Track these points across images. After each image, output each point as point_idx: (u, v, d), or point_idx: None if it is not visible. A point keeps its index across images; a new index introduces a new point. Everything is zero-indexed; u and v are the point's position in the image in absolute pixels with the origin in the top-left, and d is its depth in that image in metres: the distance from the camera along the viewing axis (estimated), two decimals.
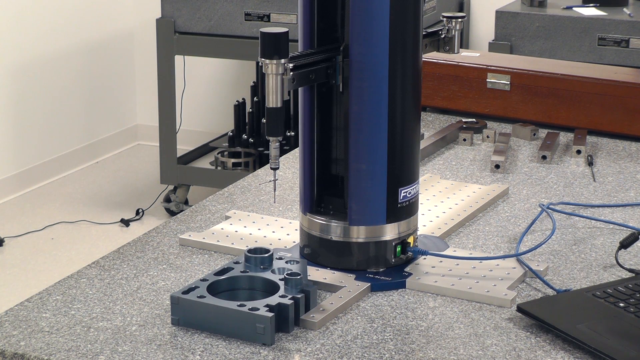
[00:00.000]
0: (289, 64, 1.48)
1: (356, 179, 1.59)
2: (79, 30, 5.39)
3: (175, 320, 1.46)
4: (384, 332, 1.46)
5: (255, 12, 4.42)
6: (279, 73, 1.48)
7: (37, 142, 5.20)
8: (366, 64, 1.55)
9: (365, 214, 1.60)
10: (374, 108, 1.56)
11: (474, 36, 5.11)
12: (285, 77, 1.48)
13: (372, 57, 1.55)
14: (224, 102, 5.58)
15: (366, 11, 1.53)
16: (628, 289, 1.54)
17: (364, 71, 1.55)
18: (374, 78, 1.55)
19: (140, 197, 5.07)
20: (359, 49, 1.55)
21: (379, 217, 1.60)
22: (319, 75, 1.55)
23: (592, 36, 4.14)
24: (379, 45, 1.54)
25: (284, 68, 1.48)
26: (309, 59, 1.54)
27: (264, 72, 1.49)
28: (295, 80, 1.50)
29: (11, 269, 4.34)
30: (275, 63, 1.47)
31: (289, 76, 1.48)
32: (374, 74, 1.55)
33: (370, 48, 1.55)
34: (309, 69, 1.53)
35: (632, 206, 1.92)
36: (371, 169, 1.57)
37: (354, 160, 1.57)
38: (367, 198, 1.59)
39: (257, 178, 2.06)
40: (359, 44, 1.55)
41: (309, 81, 1.54)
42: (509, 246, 1.75)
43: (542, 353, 1.41)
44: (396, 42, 1.55)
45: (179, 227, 1.81)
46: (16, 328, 1.46)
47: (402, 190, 1.61)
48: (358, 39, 1.54)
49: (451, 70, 2.41)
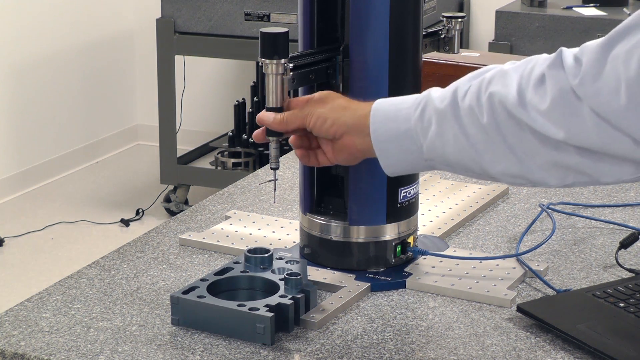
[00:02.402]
0: (289, 64, 1.48)
1: (356, 179, 1.59)
2: (79, 30, 5.39)
3: (175, 320, 1.46)
4: (384, 332, 1.46)
5: (255, 12, 4.43)
6: (279, 73, 1.48)
7: (37, 142, 5.20)
8: (366, 64, 1.55)
9: (366, 214, 1.60)
10: None
11: (474, 36, 5.12)
12: (285, 77, 1.48)
13: (372, 57, 1.55)
14: (224, 102, 5.58)
15: (366, 11, 1.53)
16: (628, 289, 1.54)
17: (364, 71, 1.55)
18: (374, 78, 1.55)
19: (140, 197, 5.07)
20: (359, 49, 1.55)
21: (379, 217, 1.60)
22: (319, 75, 1.55)
23: (592, 36, 4.14)
24: (379, 45, 1.54)
25: (283, 68, 1.48)
26: (309, 59, 1.54)
27: (264, 72, 1.49)
28: (295, 80, 1.50)
29: (11, 269, 4.34)
30: (275, 63, 1.47)
31: (288, 76, 1.48)
32: (374, 74, 1.55)
33: (370, 48, 1.54)
34: (309, 69, 1.53)
35: (632, 206, 1.92)
36: (371, 169, 1.57)
37: None
38: (367, 198, 1.59)
39: (257, 178, 2.06)
40: (359, 43, 1.55)
41: (309, 81, 1.54)
42: (509, 246, 1.75)
43: (542, 353, 1.41)
44: (396, 42, 1.55)
45: (179, 227, 1.81)
46: (16, 328, 1.46)
47: (402, 190, 1.61)
48: (358, 39, 1.54)
49: (451, 70, 2.41)
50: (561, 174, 1.29)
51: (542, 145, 1.28)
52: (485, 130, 1.31)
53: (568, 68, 1.25)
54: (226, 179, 4.42)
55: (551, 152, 1.27)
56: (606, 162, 1.26)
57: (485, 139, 1.31)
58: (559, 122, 1.25)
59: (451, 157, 1.35)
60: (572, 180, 1.30)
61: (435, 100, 1.35)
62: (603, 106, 1.22)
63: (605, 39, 1.23)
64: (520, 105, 1.28)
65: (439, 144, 1.34)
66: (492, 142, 1.31)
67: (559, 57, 1.27)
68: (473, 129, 1.32)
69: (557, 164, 1.28)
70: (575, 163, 1.27)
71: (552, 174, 1.30)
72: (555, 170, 1.29)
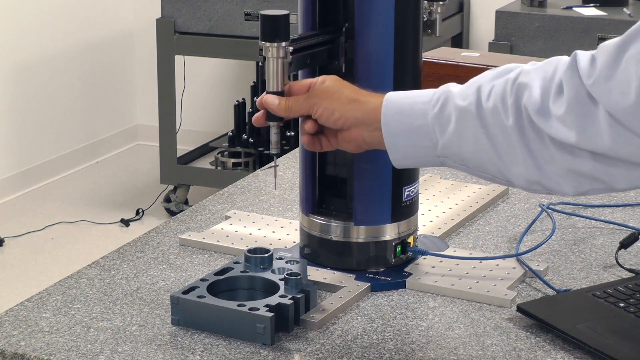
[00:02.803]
0: (289, 47, 1.47)
1: (362, 179, 1.58)
2: (79, 30, 5.39)
3: (175, 320, 1.46)
4: (384, 332, 1.46)
5: (255, 12, 4.42)
6: (280, 56, 1.46)
7: (37, 142, 5.20)
8: (372, 45, 1.53)
9: (371, 214, 1.60)
10: None
11: (474, 36, 5.11)
12: (285, 60, 1.46)
13: (376, 39, 1.53)
14: (224, 102, 5.58)
15: (370, 3, 1.52)
16: (628, 289, 1.54)
17: (369, 54, 1.53)
18: (378, 61, 1.53)
19: (140, 197, 5.07)
20: (364, 30, 1.52)
21: (384, 217, 1.60)
22: (317, 59, 1.52)
23: (592, 36, 4.14)
24: (384, 30, 1.52)
25: (284, 51, 1.46)
26: (310, 41, 1.51)
27: (264, 56, 1.46)
28: (293, 64, 1.47)
29: (11, 269, 4.34)
30: (276, 46, 1.45)
31: (288, 59, 1.47)
32: (378, 57, 1.53)
33: (375, 31, 1.53)
34: (310, 52, 1.50)
35: (632, 206, 1.92)
36: (376, 169, 1.57)
37: (359, 160, 1.57)
38: (373, 198, 1.59)
39: (257, 178, 2.06)
40: (365, 23, 1.52)
41: (307, 65, 1.52)
42: (509, 246, 1.75)
43: (542, 353, 1.41)
44: (399, 39, 1.54)
45: (179, 227, 1.81)
46: (16, 328, 1.46)
47: (406, 189, 1.61)
48: (364, 18, 1.52)
49: (451, 70, 2.41)
50: (576, 181, 1.29)
51: (558, 151, 1.27)
52: (509, 133, 1.30)
53: (582, 70, 1.25)
54: (226, 179, 4.42)
55: (566, 157, 1.27)
56: (620, 167, 1.26)
57: (507, 141, 1.30)
58: (573, 124, 1.25)
59: (468, 156, 1.34)
60: (587, 188, 1.29)
61: (456, 98, 1.34)
62: (614, 105, 1.22)
63: (621, 39, 1.23)
64: (542, 112, 1.27)
65: (456, 142, 1.34)
66: (514, 146, 1.30)
67: (573, 61, 1.27)
68: (496, 130, 1.31)
69: (572, 171, 1.28)
70: (590, 169, 1.27)
71: (568, 181, 1.29)
72: (570, 178, 1.29)
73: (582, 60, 1.26)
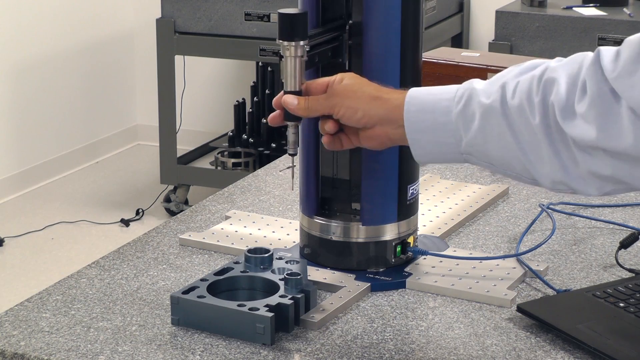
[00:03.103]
0: (307, 46, 1.45)
1: (369, 178, 1.58)
2: (79, 30, 5.39)
3: (175, 320, 1.46)
4: (384, 332, 1.46)
5: (255, 12, 4.42)
6: (298, 55, 1.45)
7: (37, 142, 5.20)
8: (378, 42, 1.53)
9: (378, 213, 1.59)
10: None
11: (474, 36, 5.11)
12: (303, 59, 1.45)
13: (383, 47, 1.53)
14: (224, 102, 5.58)
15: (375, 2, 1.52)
16: (628, 289, 1.54)
17: (376, 50, 1.53)
18: (384, 68, 1.54)
19: (140, 197, 5.06)
20: (371, 24, 1.52)
21: (390, 216, 1.60)
22: (323, 57, 1.52)
23: (592, 36, 4.14)
24: (391, 34, 1.52)
25: (303, 50, 1.45)
26: (322, 38, 1.50)
27: (282, 55, 1.45)
28: (310, 61, 1.46)
29: (11, 269, 4.34)
30: (294, 45, 1.44)
31: (306, 58, 1.45)
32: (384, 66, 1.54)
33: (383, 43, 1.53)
34: (318, 50, 1.49)
35: (632, 206, 1.92)
36: (384, 169, 1.56)
37: (366, 159, 1.57)
38: (380, 197, 1.59)
39: (257, 178, 2.06)
40: (373, 18, 1.52)
41: (316, 63, 1.51)
42: (509, 246, 1.75)
43: (542, 353, 1.41)
44: (404, 35, 1.54)
45: (179, 227, 1.81)
46: (16, 328, 1.46)
47: (410, 188, 1.61)
48: (372, 13, 1.52)
49: (451, 70, 2.41)
50: (599, 183, 1.28)
51: (580, 153, 1.26)
52: (535, 132, 1.29)
53: (606, 65, 1.24)
54: (226, 179, 4.41)
55: (587, 159, 1.26)
56: None
57: (533, 139, 1.29)
58: (594, 121, 1.24)
59: (493, 153, 1.33)
60: (610, 189, 1.28)
61: (481, 95, 1.33)
62: (638, 101, 1.21)
63: None
64: (567, 111, 1.26)
65: (481, 140, 1.33)
66: (540, 145, 1.29)
67: (597, 57, 1.26)
68: (522, 127, 1.30)
69: (594, 173, 1.27)
70: (611, 172, 1.26)
71: (591, 183, 1.28)
72: (593, 180, 1.27)
73: (606, 56, 1.25)
